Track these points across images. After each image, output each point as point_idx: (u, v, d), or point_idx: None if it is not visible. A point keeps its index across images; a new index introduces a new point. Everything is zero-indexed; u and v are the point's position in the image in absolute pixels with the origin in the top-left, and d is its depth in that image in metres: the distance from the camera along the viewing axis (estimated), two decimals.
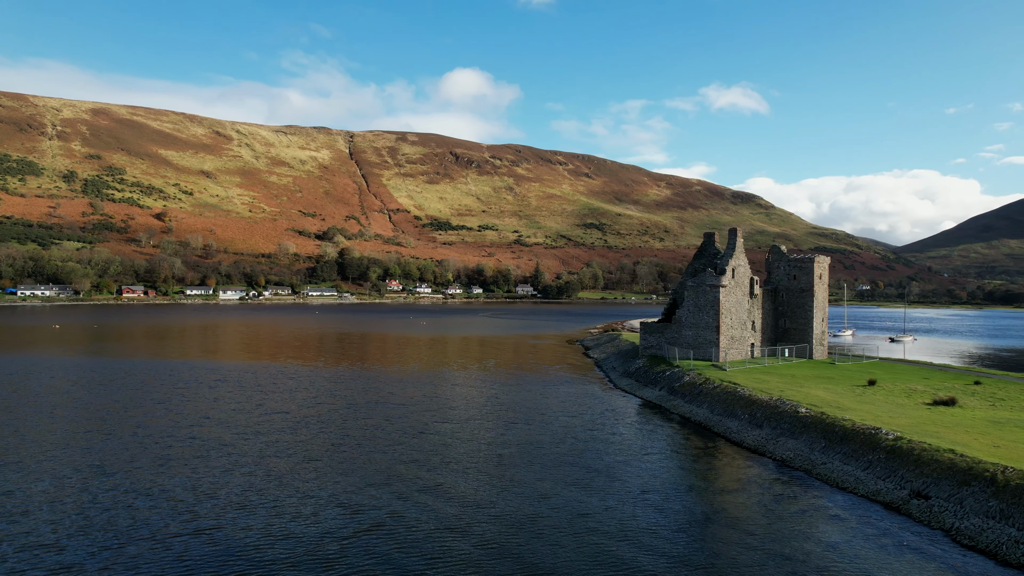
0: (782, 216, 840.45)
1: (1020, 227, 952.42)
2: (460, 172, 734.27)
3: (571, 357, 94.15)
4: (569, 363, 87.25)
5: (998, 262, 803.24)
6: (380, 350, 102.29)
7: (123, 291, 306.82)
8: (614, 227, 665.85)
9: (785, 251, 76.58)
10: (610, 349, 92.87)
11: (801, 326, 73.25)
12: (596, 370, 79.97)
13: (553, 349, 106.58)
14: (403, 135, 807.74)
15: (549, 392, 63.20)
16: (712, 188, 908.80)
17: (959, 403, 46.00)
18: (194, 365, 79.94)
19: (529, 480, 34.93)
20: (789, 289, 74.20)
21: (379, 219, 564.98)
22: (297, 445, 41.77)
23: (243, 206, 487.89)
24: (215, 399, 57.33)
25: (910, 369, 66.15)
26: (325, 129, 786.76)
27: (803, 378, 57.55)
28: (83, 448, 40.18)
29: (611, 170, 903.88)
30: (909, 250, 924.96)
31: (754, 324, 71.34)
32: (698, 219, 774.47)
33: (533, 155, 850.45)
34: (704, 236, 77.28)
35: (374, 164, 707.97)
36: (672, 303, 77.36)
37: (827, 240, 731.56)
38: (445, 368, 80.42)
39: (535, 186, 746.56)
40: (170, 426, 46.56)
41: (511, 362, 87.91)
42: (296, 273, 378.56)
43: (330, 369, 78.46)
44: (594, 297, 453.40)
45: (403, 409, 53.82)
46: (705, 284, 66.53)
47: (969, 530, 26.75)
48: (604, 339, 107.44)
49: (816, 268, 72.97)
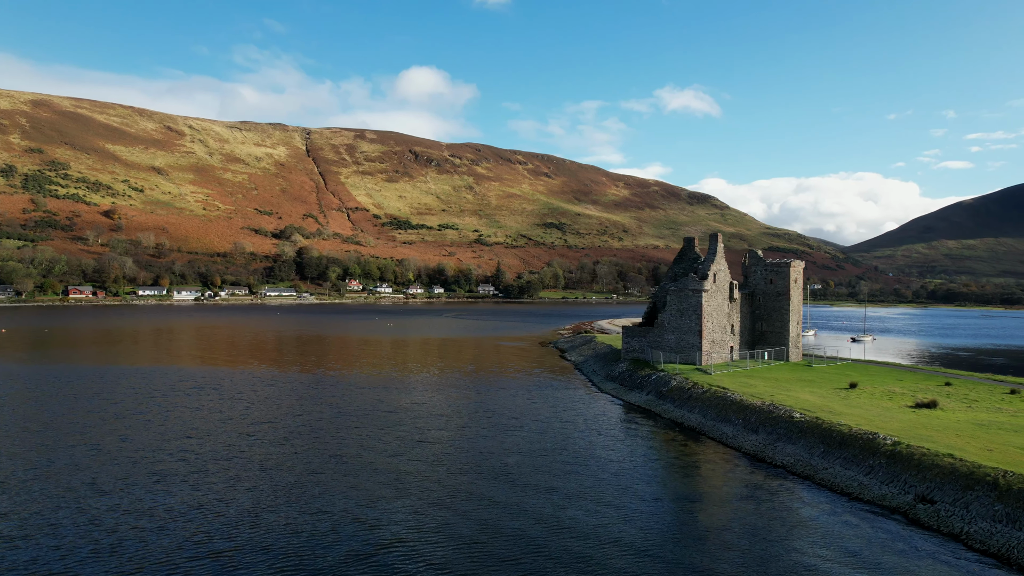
0: (737, 217, 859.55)
1: (957, 229, 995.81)
2: (420, 171, 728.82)
3: (549, 360, 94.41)
4: (548, 366, 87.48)
5: (937, 262, 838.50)
6: (354, 353, 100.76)
7: (69, 292, 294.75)
8: (574, 227, 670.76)
9: (761, 255, 78.28)
10: (587, 352, 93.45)
11: (778, 329, 75.02)
12: (577, 373, 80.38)
13: (529, 352, 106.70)
14: (361, 133, 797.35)
15: (537, 397, 63.23)
16: (669, 189, 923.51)
17: (940, 405, 47.77)
18: (165, 371, 77.34)
19: (543, 489, 34.86)
20: (766, 293, 75.90)
21: (337, 218, 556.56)
22: (295, 457, 40.80)
23: (197, 204, 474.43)
24: (197, 408, 55.58)
25: (883, 371, 68.41)
26: (281, 126, 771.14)
27: (786, 381, 58.96)
28: (70, 465, 38.44)
29: (570, 170, 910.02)
30: (856, 250, 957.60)
31: (733, 327, 72.75)
32: (656, 219, 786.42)
33: (493, 154, 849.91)
34: (684, 241, 78.42)
35: (332, 162, 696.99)
36: (653, 307, 78.33)
37: (780, 240, 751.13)
38: (426, 372, 79.72)
39: (495, 185, 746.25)
40: (157, 438, 44.93)
41: (490, 365, 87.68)
42: (253, 273, 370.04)
43: (309, 374, 76.91)
44: (555, 297, 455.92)
45: (395, 417, 53.11)
46: (688, 289, 67.53)
47: (979, 534, 27.79)
48: (578, 341, 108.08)
49: (792, 272, 74.83)
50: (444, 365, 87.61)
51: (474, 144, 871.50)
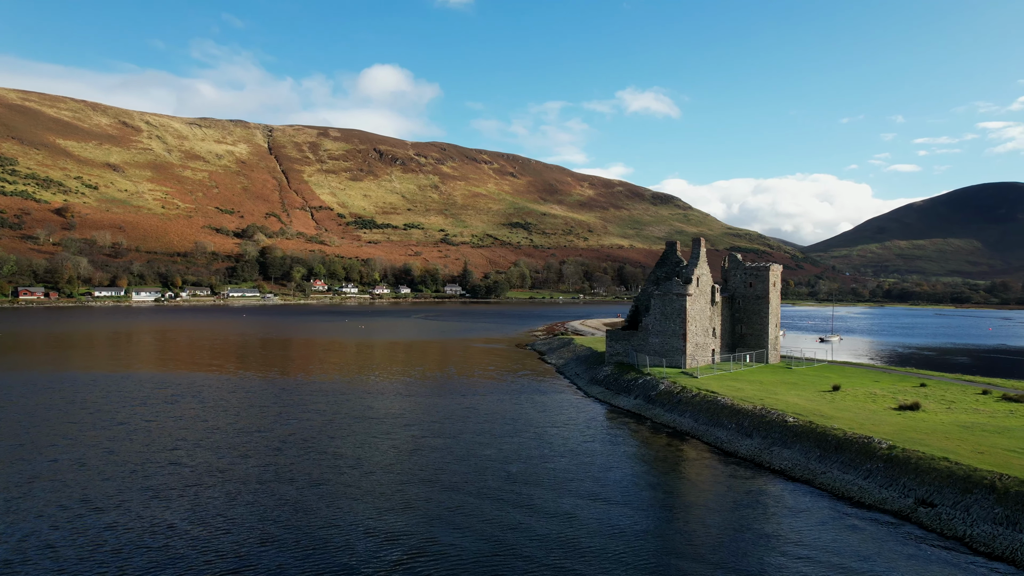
0: (699, 217, 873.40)
1: (908, 229, 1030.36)
2: (384, 169, 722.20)
3: (529, 363, 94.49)
4: (530, 369, 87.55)
5: (890, 261, 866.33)
6: (332, 357, 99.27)
7: (19, 292, 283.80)
8: (540, 226, 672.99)
9: (741, 259, 79.65)
10: (567, 355, 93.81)
11: (757, 331, 76.43)
12: (560, 377, 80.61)
13: (508, 354, 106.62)
14: (325, 130, 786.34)
15: (526, 402, 63.23)
16: (633, 189, 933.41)
17: (922, 408, 49.27)
18: (138, 378, 74.98)
19: (549, 499, 34.82)
20: (746, 296, 77.25)
21: (301, 217, 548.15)
22: (293, 467, 39.99)
23: (155, 202, 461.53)
24: (179, 417, 54.04)
25: (860, 372, 70.28)
26: (242, 123, 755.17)
27: (771, 384, 60.11)
28: (57, 482, 36.97)
29: (536, 170, 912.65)
30: (814, 250, 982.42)
31: (715, 330, 73.87)
32: (620, 219, 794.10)
33: (458, 153, 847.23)
34: (666, 245, 79.28)
35: (295, 160, 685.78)
36: (635, 310, 79.04)
37: (741, 240, 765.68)
38: (408, 377, 78.96)
39: (461, 185, 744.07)
40: (143, 450, 43.55)
41: (472, 369, 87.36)
42: (215, 273, 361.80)
43: (292, 380, 75.45)
44: (523, 297, 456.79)
45: (386, 424, 52.46)
46: (672, 293, 68.31)
47: (982, 537, 28.73)
48: (556, 344, 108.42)
49: (771, 276, 76.34)
50: (425, 369, 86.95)
51: (439, 143, 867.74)
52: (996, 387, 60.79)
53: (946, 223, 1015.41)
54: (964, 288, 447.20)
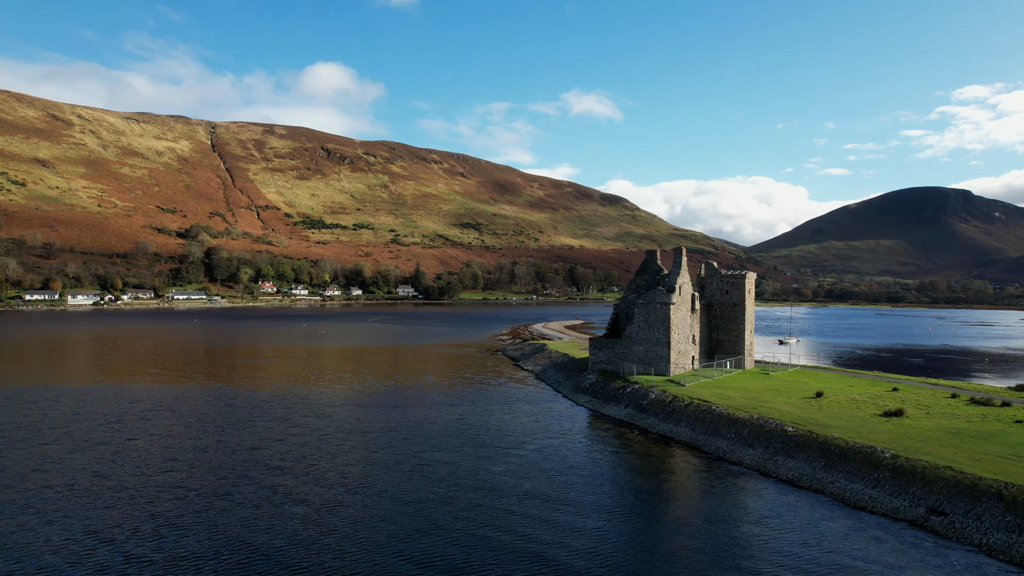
0: (647, 218, 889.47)
1: (843, 231, 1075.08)
2: (332, 168, 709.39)
3: (506, 370, 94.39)
4: (508, 376, 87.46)
5: (828, 261, 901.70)
6: (304, 366, 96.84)
7: None
8: (490, 227, 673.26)
9: (717, 267, 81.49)
10: (543, 361, 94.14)
11: (733, 338, 78.39)
12: (542, 384, 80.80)
13: (481, 360, 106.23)
14: (270, 128, 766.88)
15: (517, 412, 63.19)
16: (582, 190, 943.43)
17: (906, 414, 51.44)
18: (107, 392, 71.40)
19: (573, 518, 34.87)
20: (722, 303, 79.10)
21: (247, 216, 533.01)
22: (302, 488, 38.75)
23: (90, 200, 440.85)
24: (164, 434, 51.73)
25: (833, 376, 72.85)
26: (183, 118, 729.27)
27: (757, 392, 61.71)
28: (56, 511, 34.91)
29: (486, 170, 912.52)
30: (756, 250, 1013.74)
31: (694, 338, 75.41)
32: (570, 219, 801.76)
33: (408, 153, 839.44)
34: (647, 254, 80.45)
35: (239, 157, 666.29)
36: (616, 318, 79.98)
37: (687, 241, 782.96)
38: (391, 387, 77.72)
39: (411, 184, 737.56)
40: (138, 472, 41.57)
41: (451, 377, 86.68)
42: (158, 275, 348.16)
43: (272, 392, 73.15)
44: (476, 298, 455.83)
45: (385, 438, 51.43)
46: (656, 302, 69.38)
47: (999, 545, 30.23)
48: (529, 349, 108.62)
49: (747, 284, 78.39)
50: (405, 377, 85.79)
51: (388, 142, 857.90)
52: (960, 390, 63.89)
53: (878, 225, 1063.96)
54: (898, 288, 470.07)
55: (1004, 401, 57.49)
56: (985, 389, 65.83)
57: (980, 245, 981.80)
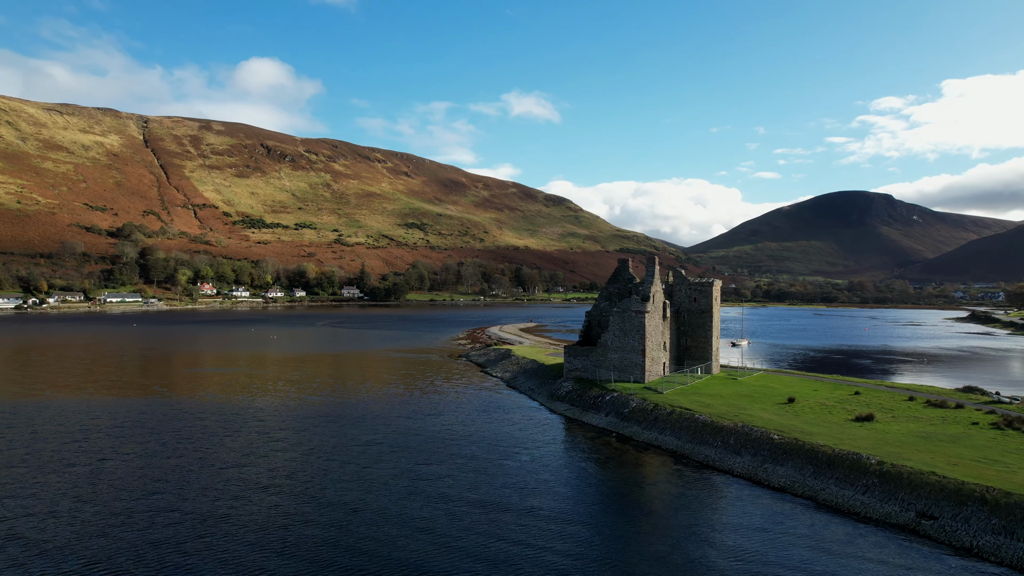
0: (589, 219, 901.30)
1: (777, 232, 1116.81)
2: (273, 166, 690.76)
3: (475, 377, 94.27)
4: (479, 384, 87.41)
5: (763, 262, 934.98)
6: (268, 375, 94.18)
7: None
8: (436, 227, 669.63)
9: (685, 274, 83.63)
10: (512, 368, 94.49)
11: (701, 344, 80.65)
12: (515, 392, 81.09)
13: (447, 367, 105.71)
14: (207, 123, 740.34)
15: (495, 420, 63.39)
16: (526, 191, 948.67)
17: (876, 419, 54.22)
18: (60, 406, 67.50)
19: (584, 534, 35.42)
20: (690, 311, 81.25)
21: (183, 215, 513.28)
22: (307, 510, 37.91)
23: (9, 196, 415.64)
24: (141, 454, 49.48)
25: (796, 381, 75.89)
26: (112, 111, 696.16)
27: (732, 398, 63.74)
28: (46, 541, 33.09)
29: (430, 169, 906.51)
30: (695, 251, 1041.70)
31: (665, 344, 77.23)
32: (515, 220, 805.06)
33: (351, 151, 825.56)
34: (619, 262, 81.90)
35: (174, 154, 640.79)
36: (588, 325, 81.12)
37: (630, 242, 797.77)
38: (363, 396, 76.46)
39: (354, 183, 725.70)
40: (119, 495, 39.75)
41: (420, 385, 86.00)
42: (88, 276, 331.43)
43: (237, 403, 70.77)
44: (423, 299, 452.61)
45: (376, 451, 50.72)
46: (631, 310, 70.75)
47: (989, 547, 32.35)
48: (494, 355, 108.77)
49: (714, 291, 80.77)
50: (375, 386, 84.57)
51: (330, 140, 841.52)
52: (915, 392, 67.57)
53: (809, 226, 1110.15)
54: (830, 288, 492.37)
55: (957, 403, 61.20)
56: (936, 391, 69.83)
57: (901, 247, 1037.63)
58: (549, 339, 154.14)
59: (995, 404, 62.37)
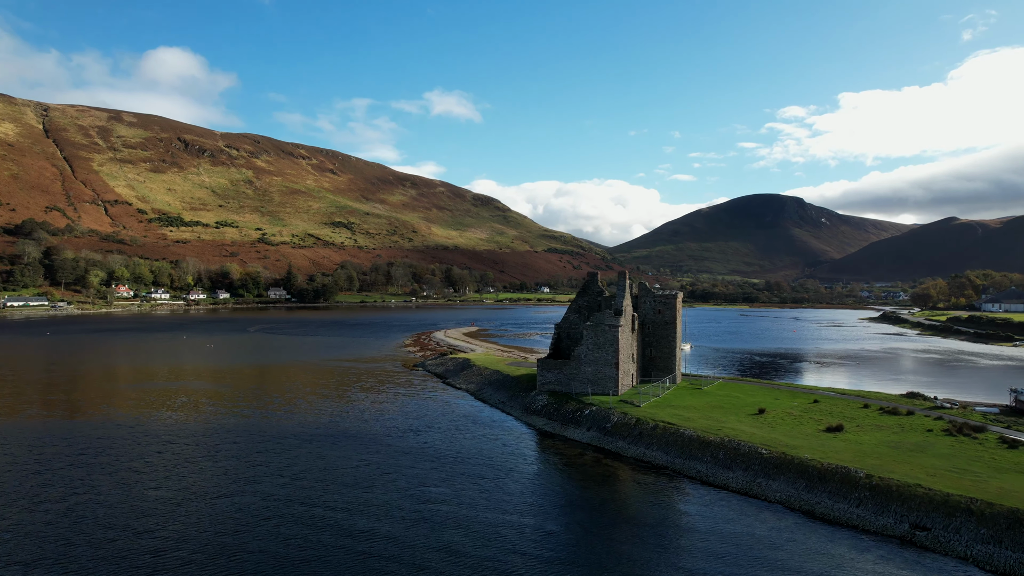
0: (517, 219, 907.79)
1: (697, 233, 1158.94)
2: (191, 161, 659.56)
3: (437, 388, 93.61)
4: (445, 397, 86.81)
5: (684, 262, 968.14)
6: (224, 390, 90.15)
7: None
8: (363, 226, 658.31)
9: (649, 286, 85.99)
10: (475, 379, 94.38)
11: (666, 355, 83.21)
12: (485, 405, 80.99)
13: (405, 378, 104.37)
14: (117, 114, 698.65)
15: (474, 436, 63.42)
16: (454, 190, 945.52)
17: (845, 429, 57.66)
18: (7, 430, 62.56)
19: (607, 561, 36.20)
20: (655, 322, 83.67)
21: (92, 212, 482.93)
22: (327, 539, 36.92)
23: None
24: (118, 484, 46.58)
25: (756, 389, 79.50)
26: (7, 97, 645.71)
27: (704, 409, 66.21)
28: None
29: (356, 167, 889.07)
30: (619, 251, 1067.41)
31: (634, 356, 79.27)
32: (444, 219, 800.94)
33: (274, 147, 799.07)
34: (588, 275, 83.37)
35: (80, 146, 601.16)
36: (558, 337, 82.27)
37: (557, 243, 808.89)
38: (331, 412, 74.49)
39: (277, 180, 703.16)
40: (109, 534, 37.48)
41: (385, 399, 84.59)
42: None
43: (202, 423, 67.55)
44: (353, 300, 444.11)
45: (367, 473, 49.72)
46: (604, 324, 72.26)
47: (982, 556, 35.24)
48: (452, 365, 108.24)
49: (677, 303, 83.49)
50: (339, 400, 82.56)
51: (252, 135, 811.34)
52: (867, 399, 72.37)
53: (727, 228, 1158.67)
54: (751, 289, 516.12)
55: (908, 410, 65.96)
56: (885, 397, 74.83)
57: (810, 247, 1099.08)
58: (498, 345, 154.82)
59: (939, 410, 67.55)
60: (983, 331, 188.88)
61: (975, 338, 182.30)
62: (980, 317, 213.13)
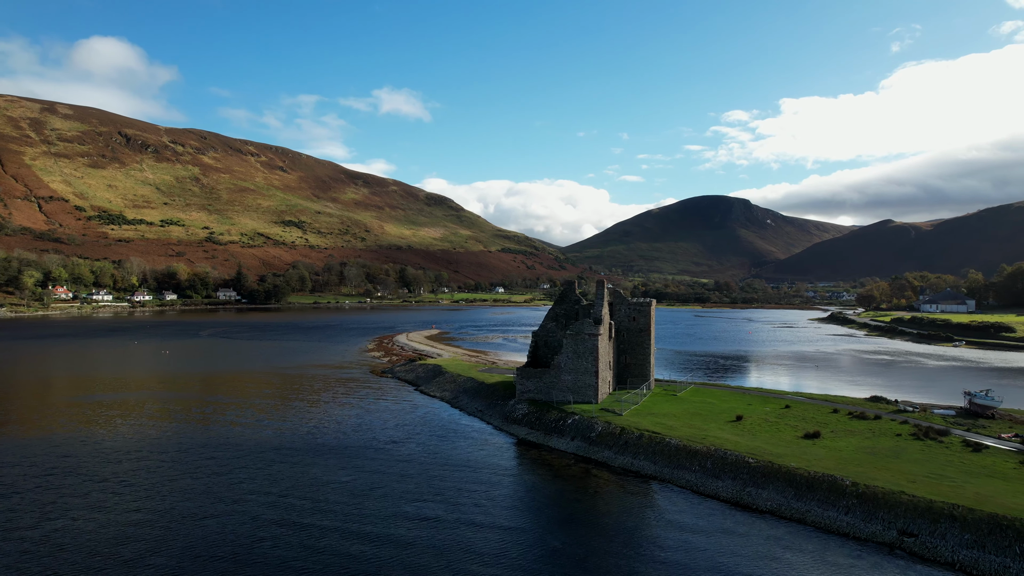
0: (471, 219, 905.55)
1: (648, 233, 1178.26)
2: (133, 156, 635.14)
3: (411, 396, 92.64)
4: (421, 405, 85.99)
5: (635, 262, 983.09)
6: (190, 401, 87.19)
7: None
8: (315, 225, 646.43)
9: (623, 294, 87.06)
10: (449, 386, 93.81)
11: (640, 361, 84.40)
12: (463, 414, 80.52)
13: (376, 385, 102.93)
14: (51, 106, 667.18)
15: (459, 448, 63.19)
16: (407, 189, 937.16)
17: (822, 435, 59.55)
18: None
19: None
20: (630, 329, 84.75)
21: (25, 208, 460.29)
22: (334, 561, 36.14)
23: None
24: (96, 506, 44.62)
25: (728, 395, 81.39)
26: None
27: (683, 416, 67.45)
28: None
29: (307, 165, 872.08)
30: (571, 250, 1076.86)
31: (610, 363, 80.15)
32: (397, 219, 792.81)
33: (221, 143, 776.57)
34: (564, 284, 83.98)
35: (10, 138, 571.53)
36: (535, 346, 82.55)
37: (511, 242, 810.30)
38: (310, 423, 72.91)
39: (225, 178, 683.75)
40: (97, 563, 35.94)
41: (360, 409, 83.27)
42: None
43: (173, 437, 65.19)
44: (306, 301, 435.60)
45: (365, 485, 48.88)
46: (584, 333, 72.85)
47: (968, 561, 36.98)
48: (423, 371, 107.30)
49: (651, 311, 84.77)
50: (313, 411, 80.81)
51: (199, 131, 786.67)
52: (836, 404, 74.87)
53: (676, 228, 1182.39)
54: (702, 289, 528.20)
55: (876, 414, 68.65)
56: (851, 402, 77.59)
57: (757, 248, 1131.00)
58: (463, 349, 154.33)
59: (902, 413, 70.45)
60: (925, 332, 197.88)
61: (918, 339, 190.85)
62: (921, 318, 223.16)
